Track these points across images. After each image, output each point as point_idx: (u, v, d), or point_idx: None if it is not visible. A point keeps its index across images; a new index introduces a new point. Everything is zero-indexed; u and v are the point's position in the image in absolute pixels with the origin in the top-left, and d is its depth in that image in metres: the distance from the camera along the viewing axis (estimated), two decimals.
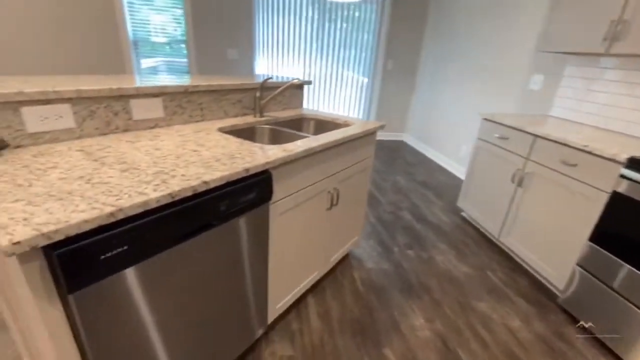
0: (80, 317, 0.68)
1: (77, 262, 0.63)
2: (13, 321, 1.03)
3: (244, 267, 1.11)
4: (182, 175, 0.86)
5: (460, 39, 3.70)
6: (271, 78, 1.65)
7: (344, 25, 4.29)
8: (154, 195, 0.73)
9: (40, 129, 1.00)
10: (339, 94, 4.67)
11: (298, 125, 1.86)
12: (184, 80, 1.45)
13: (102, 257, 0.67)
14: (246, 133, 1.54)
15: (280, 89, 1.60)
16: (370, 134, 1.68)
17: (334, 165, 1.45)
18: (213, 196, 0.88)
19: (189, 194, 0.81)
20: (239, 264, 1.09)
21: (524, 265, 2.06)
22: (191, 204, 0.83)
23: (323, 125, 1.85)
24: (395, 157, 4.18)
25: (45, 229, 0.57)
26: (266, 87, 1.69)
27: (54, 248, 0.60)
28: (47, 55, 3.80)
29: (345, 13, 4.24)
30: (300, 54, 4.33)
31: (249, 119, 1.60)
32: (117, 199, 0.70)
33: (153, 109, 1.28)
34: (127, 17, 3.86)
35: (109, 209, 0.66)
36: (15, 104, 0.94)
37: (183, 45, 4.08)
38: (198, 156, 1.01)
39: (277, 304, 1.40)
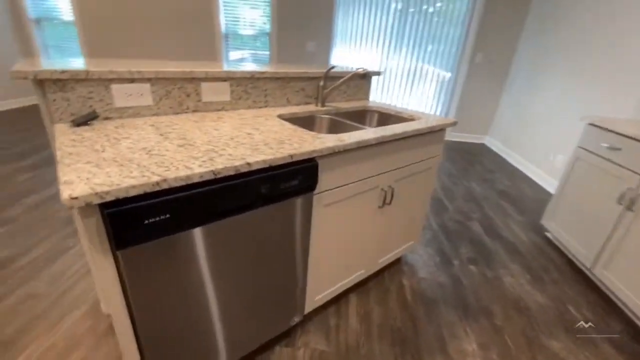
0: (126, 273, 0.76)
1: (124, 222, 0.69)
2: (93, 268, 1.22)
3: (284, 254, 1.12)
4: (229, 155, 0.88)
5: (570, 31, 3.12)
6: (335, 67, 1.62)
7: (429, 16, 4.00)
8: (198, 170, 0.77)
9: (125, 104, 1.14)
10: (416, 89, 4.41)
11: (360, 117, 1.79)
12: (253, 68, 1.51)
13: (146, 221, 0.72)
14: (305, 121, 1.54)
15: (344, 78, 1.55)
16: (438, 131, 1.52)
17: (390, 162, 1.36)
18: (255, 178, 0.89)
19: (232, 173, 0.83)
20: (279, 250, 1.10)
21: (621, 306, 1.66)
22: (233, 183, 0.85)
23: (386, 118, 1.75)
24: (473, 161, 3.79)
25: (99, 189, 0.64)
26: (330, 76, 1.66)
27: (107, 207, 0.67)
28: (159, 43, 4.39)
29: (432, 3, 3.94)
30: (379, 47, 4.19)
31: (310, 108, 1.59)
32: (165, 170, 0.75)
33: (221, 92, 1.36)
34: (222, 12, 4.22)
35: (155, 178, 0.71)
36: (107, 81, 1.08)
37: (268, 38, 4.31)
38: (250, 139, 1.03)
39: (316, 296, 1.39)
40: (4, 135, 3.52)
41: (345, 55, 4.25)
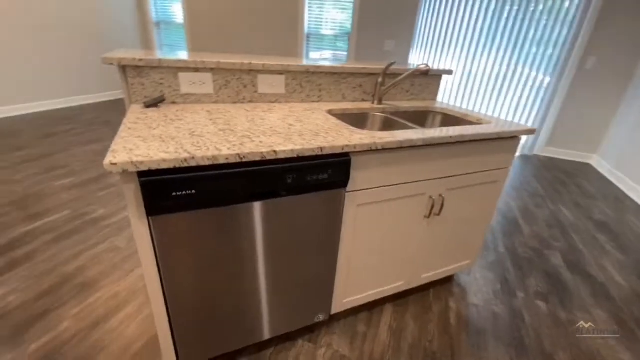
0: (156, 238, 0.84)
1: (154, 192, 0.77)
2: None
3: (309, 248, 1.11)
4: (260, 142, 0.91)
5: None
6: (394, 63, 1.53)
7: (532, 15, 3.50)
8: (225, 152, 0.81)
9: (189, 91, 1.27)
10: (506, 96, 3.92)
11: (421, 117, 1.67)
12: (308, 62, 1.53)
13: (174, 194, 0.79)
14: (357, 118, 1.50)
15: (403, 75, 1.46)
16: (508, 138, 1.32)
17: (443, 168, 1.23)
18: (281, 167, 0.90)
19: (257, 158, 0.85)
20: (305, 243, 1.09)
21: None
22: (258, 169, 0.87)
23: (451, 120, 1.59)
24: (568, 183, 3.20)
25: (135, 159, 0.72)
26: (390, 74, 1.58)
27: (142, 176, 0.75)
28: (249, 43, 4.81)
29: (539, 1, 3.45)
30: (464, 48, 3.84)
31: (365, 105, 1.54)
32: (197, 150, 0.81)
33: (276, 85, 1.41)
34: (307, 13, 4.40)
35: (184, 155, 0.77)
36: (175, 70, 1.22)
37: (347, 37, 4.34)
38: (288, 129, 1.05)
39: (345, 298, 1.34)
40: (117, 116, 4.29)
41: (425, 56, 4.02)
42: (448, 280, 1.73)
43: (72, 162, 2.81)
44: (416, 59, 4.05)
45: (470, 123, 1.49)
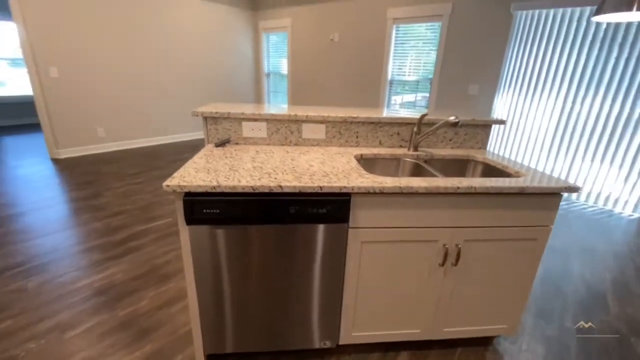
0: (191, 244, 1.15)
1: (191, 207, 1.08)
2: None
3: (316, 272, 1.26)
4: (275, 178, 1.15)
5: None
6: (427, 115, 1.61)
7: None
8: (242, 183, 1.08)
9: (249, 135, 1.64)
10: (616, 148, 3.29)
11: (460, 166, 1.66)
12: (351, 112, 1.74)
13: (204, 210, 1.09)
14: (387, 163, 1.62)
15: (434, 127, 1.53)
16: (546, 194, 1.24)
17: (459, 217, 1.24)
18: (285, 199, 1.11)
19: (267, 190, 1.09)
20: (312, 267, 1.25)
21: None
22: (267, 199, 1.11)
23: (491, 171, 1.55)
24: None
25: (182, 183, 1.06)
26: (426, 123, 1.66)
27: (185, 195, 1.08)
28: (334, 84, 5.36)
29: None
30: (561, 91, 3.45)
31: (399, 151, 1.65)
32: (225, 180, 1.11)
33: (317, 132, 1.67)
34: (390, 61, 4.70)
35: (214, 184, 1.07)
36: (240, 119, 1.61)
37: (428, 82, 4.42)
38: (307, 169, 1.27)
39: (354, 332, 1.41)
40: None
41: (513, 100, 3.75)
42: (483, 342, 1.58)
43: None
44: (502, 103, 3.82)
45: (508, 175, 1.44)
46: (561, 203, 1.29)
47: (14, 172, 3.73)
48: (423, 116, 1.60)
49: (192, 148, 5.11)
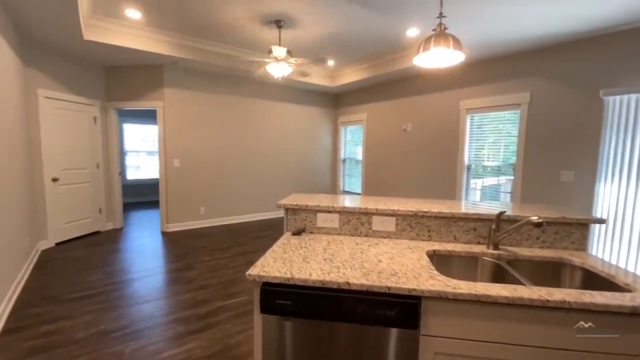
0: (262, 330, 1.22)
1: (266, 296, 1.18)
2: None
3: None
4: (343, 273, 1.21)
5: None
6: (505, 212, 1.52)
7: None
8: (313, 277, 1.16)
9: (322, 225, 1.77)
10: None
11: (553, 270, 1.47)
12: (422, 206, 1.76)
13: (277, 300, 1.18)
14: (463, 261, 1.53)
15: (515, 225, 1.44)
16: None
17: (550, 336, 1.06)
18: (353, 297, 1.14)
19: (334, 286, 1.14)
20: None
21: None
22: (336, 295, 1.15)
23: (592, 280, 1.33)
24: None
25: (261, 273, 1.19)
26: (505, 219, 1.57)
27: (263, 285, 1.20)
28: (408, 169, 5.46)
29: None
30: None
31: (477, 249, 1.56)
32: (298, 272, 1.20)
33: (387, 224, 1.72)
34: (467, 146, 4.68)
35: (288, 275, 1.17)
36: (315, 211, 1.77)
37: (512, 167, 4.20)
38: (375, 265, 1.30)
39: None
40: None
41: (619, 188, 3.25)
42: None
43: None
44: (606, 192, 3.34)
45: (618, 288, 1.21)
46: None
47: (134, 242, 4.53)
48: (501, 214, 1.53)
49: (272, 226, 5.54)
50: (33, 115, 3.84)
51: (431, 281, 1.15)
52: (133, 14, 3.56)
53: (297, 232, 1.74)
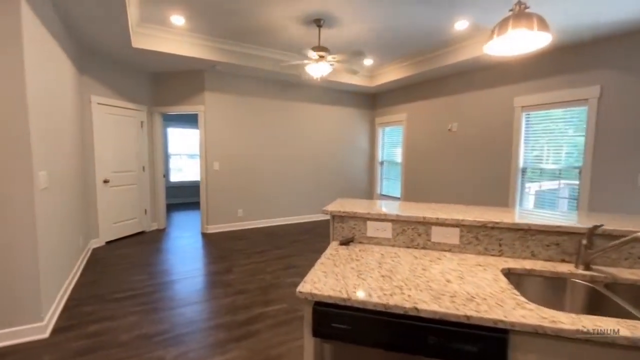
0: (314, 356, 1.07)
1: (319, 318, 1.04)
2: None
3: None
4: (409, 295, 1.03)
5: None
6: (602, 226, 1.24)
7: None
8: (373, 300, 1.00)
9: (373, 235, 1.60)
10: None
11: None
12: (491, 215, 1.53)
13: (332, 324, 1.03)
14: (547, 283, 1.28)
15: (616, 242, 1.18)
16: None
17: None
18: (423, 325, 0.96)
19: (400, 312, 0.97)
20: None
21: None
22: (401, 322, 0.98)
23: None
24: None
25: (313, 291, 1.05)
26: (600, 234, 1.30)
27: (315, 304, 1.05)
28: (453, 171, 5.11)
29: None
30: None
31: (562, 268, 1.31)
32: (354, 289, 1.05)
33: (450, 236, 1.51)
34: (522, 147, 4.26)
35: (344, 296, 1.02)
36: (365, 219, 1.61)
37: (576, 171, 3.74)
38: (443, 286, 1.11)
39: None
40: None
41: None
42: None
43: (302, 264, 3.76)
44: None
45: None
46: None
47: (175, 242, 4.64)
48: (596, 227, 1.26)
49: (308, 231, 5.43)
50: (87, 120, 4.06)
51: (521, 311, 0.94)
52: (177, 20, 3.64)
53: (346, 242, 1.59)
